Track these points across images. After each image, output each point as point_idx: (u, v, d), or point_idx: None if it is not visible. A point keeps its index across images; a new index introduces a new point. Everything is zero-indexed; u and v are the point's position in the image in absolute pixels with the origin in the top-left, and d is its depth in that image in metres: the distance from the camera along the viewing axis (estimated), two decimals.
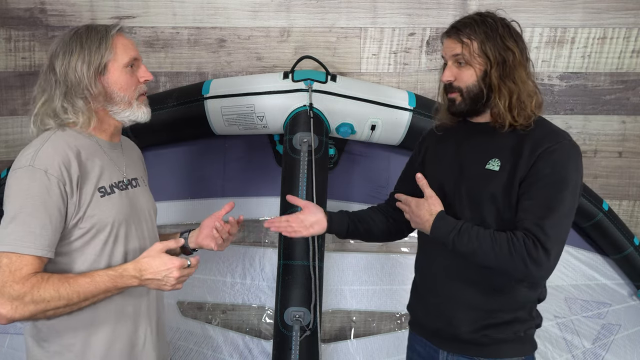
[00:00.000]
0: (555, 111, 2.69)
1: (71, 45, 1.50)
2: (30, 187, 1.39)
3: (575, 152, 1.54)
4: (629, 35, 2.63)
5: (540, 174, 1.50)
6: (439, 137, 1.76)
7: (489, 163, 1.57)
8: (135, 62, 1.56)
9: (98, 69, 1.50)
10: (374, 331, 2.69)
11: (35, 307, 1.35)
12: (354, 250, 2.71)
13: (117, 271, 1.44)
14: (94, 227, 1.47)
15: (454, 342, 1.65)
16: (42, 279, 1.37)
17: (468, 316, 1.61)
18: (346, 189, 2.64)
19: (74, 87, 1.48)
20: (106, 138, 1.59)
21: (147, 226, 1.63)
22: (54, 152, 1.43)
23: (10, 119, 2.66)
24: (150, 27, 2.61)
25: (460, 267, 1.61)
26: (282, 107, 2.32)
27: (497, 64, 1.55)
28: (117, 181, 1.56)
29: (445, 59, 1.63)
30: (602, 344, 2.58)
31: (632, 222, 2.73)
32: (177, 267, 1.45)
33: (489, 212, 1.57)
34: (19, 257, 1.36)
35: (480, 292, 1.60)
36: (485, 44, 1.55)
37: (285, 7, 2.61)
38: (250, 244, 2.69)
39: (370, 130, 2.39)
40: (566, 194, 1.49)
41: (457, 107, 1.62)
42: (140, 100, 1.58)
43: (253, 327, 2.71)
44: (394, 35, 2.63)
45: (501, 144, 1.58)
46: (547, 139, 1.53)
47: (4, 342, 2.48)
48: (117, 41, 1.53)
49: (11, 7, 2.58)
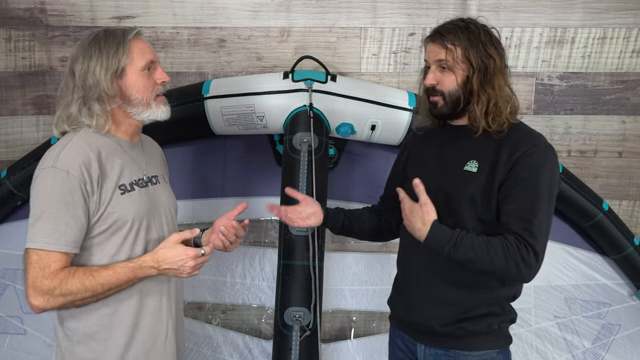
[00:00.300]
0: (555, 111, 2.69)
1: (90, 49, 1.57)
2: (53, 187, 1.48)
3: (551, 154, 1.60)
4: (629, 35, 2.63)
5: (518, 177, 1.55)
6: (421, 139, 1.81)
7: (467, 165, 1.63)
8: (152, 65, 1.62)
9: (115, 72, 1.56)
10: (374, 331, 2.70)
11: (64, 299, 1.48)
12: (354, 250, 2.71)
13: (136, 263, 1.54)
14: (115, 223, 1.55)
15: (430, 335, 1.70)
16: (69, 273, 1.48)
17: (444, 311, 1.67)
18: (346, 189, 2.64)
19: (91, 90, 1.55)
20: (126, 138, 1.65)
21: (166, 221, 1.70)
22: (75, 153, 1.51)
23: (10, 119, 2.66)
24: (150, 27, 2.61)
25: (437, 265, 1.66)
26: (282, 107, 2.32)
27: (479, 71, 1.60)
28: (137, 179, 1.63)
29: (429, 62, 1.67)
30: (602, 344, 2.58)
31: (632, 222, 2.74)
32: (191, 257, 1.55)
33: (467, 214, 1.62)
34: (47, 254, 1.46)
35: (456, 289, 1.66)
36: (468, 50, 1.60)
37: (285, 7, 2.61)
38: (250, 244, 2.69)
39: (370, 130, 2.39)
40: (544, 197, 1.56)
41: (439, 110, 1.67)
42: (159, 100, 1.64)
43: (253, 327, 2.71)
44: (394, 35, 2.63)
45: (479, 147, 1.63)
46: (524, 142, 1.58)
47: (4, 342, 2.49)
48: (134, 45, 1.59)
49: (11, 7, 2.58)
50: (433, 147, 1.75)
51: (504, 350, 1.70)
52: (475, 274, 1.61)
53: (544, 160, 1.58)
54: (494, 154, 1.59)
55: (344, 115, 2.34)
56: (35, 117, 2.66)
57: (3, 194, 2.41)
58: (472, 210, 1.61)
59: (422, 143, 1.80)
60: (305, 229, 2.17)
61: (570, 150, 2.72)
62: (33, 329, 2.50)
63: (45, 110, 2.66)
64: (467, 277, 1.63)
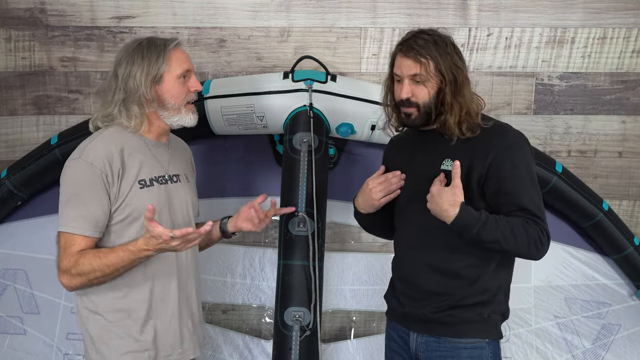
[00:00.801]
0: (555, 111, 2.69)
1: (133, 56, 1.72)
2: (78, 176, 1.66)
3: (522, 138, 1.72)
4: (629, 35, 2.63)
5: (502, 169, 1.65)
6: (396, 148, 1.94)
7: (444, 163, 1.72)
8: (188, 74, 1.79)
9: (155, 78, 1.72)
10: (374, 331, 2.70)
11: (80, 278, 1.64)
12: (354, 250, 2.71)
13: (134, 246, 1.63)
14: (131, 214, 1.69)
15: (422, 322, 1.77)
16: (81, 255, 1.63)
17: (435, 300, 1.74)
18: (346, 189, 2.63)
19: (132, 94, 1.71)
20: (153, 138, 1.80)
21: (182, 217, 1.83)
22: (101, 147, 1.68)
23: (10, 119, 2.66)
24: (150, 27, 2.61)
25: (428, 257, 1.75)
26: (282, 107, 2.32)
27: (450, 82, 1.68)
28: (158, 175, 1.77)
29: (401, 76, 1.72)
30: (602, 344, 2.58)
31: (632, 222, 2.73)
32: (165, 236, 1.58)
33: None
34: (71, 237, 1.64)
35: (446, 280, 1.73)
36: (440, 63, 1.67)
37: (285, 7, 2.61)
38: (250, 244, 2.69)
39: (370, 130, 2.39)
40: (533, 181, 1.68)
41: (413, 121, 1.74)
42: (188, 108, 1.81)
43: (253, 327, 2.71)
44: (394, 35, 2.63)
45: (452, 146, 1.72)
46: (495, 134, 1.69)
47: (4, 342, 2.49)
48: (173, 55, 1.75)
49: (11, 7, 2.58)
50: (407, 152, 1.85)
51: (494, 342, 1.76)
52: (466, 265, 1.71)
53: (520, 146, 1.69)
54: (469, 151, 1.69)
55: (344, 115, 2.34)
56: (35, 117, 2.66)
57: (3, 194, 2.41)
58: None
59: (397, 151, 1.92)
60: (305, 229, 2.18)
61: (570, 150, 2.72)
62: (33, 329, 2.50)
63: (45, 110, 2.66)
64: (458, 268, 1.72)
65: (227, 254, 2.65)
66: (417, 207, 1.74)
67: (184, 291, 1.81)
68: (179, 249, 1.62)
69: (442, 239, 1.72)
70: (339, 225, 2.69)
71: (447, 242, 1.71)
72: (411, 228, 1.81)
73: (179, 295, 1.79)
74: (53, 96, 2.64)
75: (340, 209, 2.64)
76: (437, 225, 1.68)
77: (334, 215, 2.63)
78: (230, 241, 2.68)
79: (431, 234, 1.74)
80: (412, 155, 1.83)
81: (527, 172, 1.68)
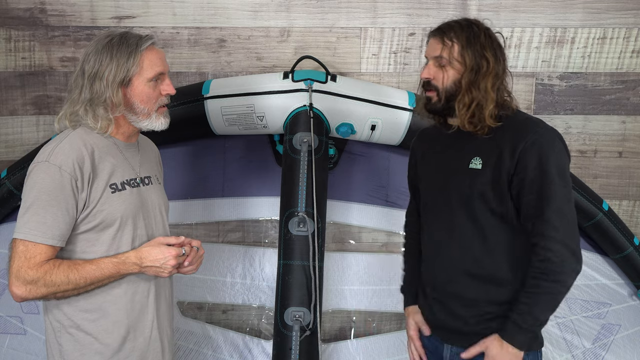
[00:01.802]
0: (555, 111, 2.69)
1: (102, 54, 1.58)
2: (45, 181, 1.51)
3: (555, 136, 1.60)
4: (629, 35, 2.63)
5: (527, 168, 1.55)
6: (427, 142, 1.84)
7: (472, 162, 1.64)
8: (160, 77, 1.64)
9: (123, 81, 1.58)
10: (374, 331, 2.69)
11: (46, 289, 1.51)
12: (354, 250, 2.71)
13: (120, 259, 1.57)
14: (103, 220, 1.57)
15: (458, 334, 1.68)
16: (54, 265, 1.51)
17: (471, 310, 1.65)
18: (346, 189, 2.64)
19: (97, 96, 1.57)
20: (123, 139, 1.68)
21: (156, 221, 1.72)
22: (70, 150, 1.54)
23: (10, 119, 2.66)
24: (150, 27, 2.61)
25: (463, 261, 1.65)
26: (282, 107, 2.32)
27: (471, 70, 1.60)
28: (129, 179, 1.65)
29: (427, 58, 1.68)
30: (602, 344, 2.58)
31: (632, 222, 2.74)
32: (173, 256, 1.59)
33: (479, 209, 1.62)
34: (34, 246, 1.50)
35: (483, 286, 1.64)
36: (465, 49, 1.60)
37: (285, 7, 2.61)
38: (250, 244, 2.69)
39: (370, 130, 2.39)
40: (556, 182, 1.55)
41: (433, 106, 1.68)
42: (160, 112, 1.67)
43: (253, 327, 2.71)
44: (394, 35, 2.63)
45: (480, 143, 1.64)
46: (525, 130, 1.58)
47: (4, 342, 2.49)
48: (146, 56, 1.60)
49: (11, 7, 2.58)
50: (438, 147, 1.77)
51: (534, 355, 1.64)
52: (504, 268, 1.62)
53: (549, 143, 1.57)
54: (498, 148, 1.60)
55: (344, 115, 2.34)
56: (35, 117, 2.66)
57: (3, 194, 2.41)
58: (484, 205, 1.61)
59: (430, 143, 1.83)
60: (305, 229, 2.18)
61: (570, 150, 2.70)
62: (33, 329, 2.49)
63: (45, 110, 2.66)
64: (490, 272, 1.63)
65: (227, 254, 2.65)
66: (448, 206, 1.67)
67: (161, 296, 1.72)
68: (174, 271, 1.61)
69: (476, 241, 1.63)
70: (339, 225, 2.69)
71: (482, 244, 1.62)
72: (441, 228, 1.71)
73: (156, 300, 1.69)
74: (53, 96, 2.64)
75: (340, 209, 2.64)
76: (470, 225, 1.62)
77: (334, 215, 2.63)
78: (230, 241, 2.69)
79: (464, 234, 1.65)
80: (444, 150, 1.74)
81: (556, 172, 1.54)
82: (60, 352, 1.61)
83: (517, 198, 1.58)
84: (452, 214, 1.66)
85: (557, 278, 1.52)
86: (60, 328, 1.61)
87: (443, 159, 1.73)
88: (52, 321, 1.62)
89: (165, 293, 1.75)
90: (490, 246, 1.62)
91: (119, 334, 1.62)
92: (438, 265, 1.72)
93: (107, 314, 1.61)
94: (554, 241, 1.52)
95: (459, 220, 1.64)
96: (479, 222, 1.62)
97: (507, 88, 1.67)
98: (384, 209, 2.66)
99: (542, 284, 1.53)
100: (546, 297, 1.54)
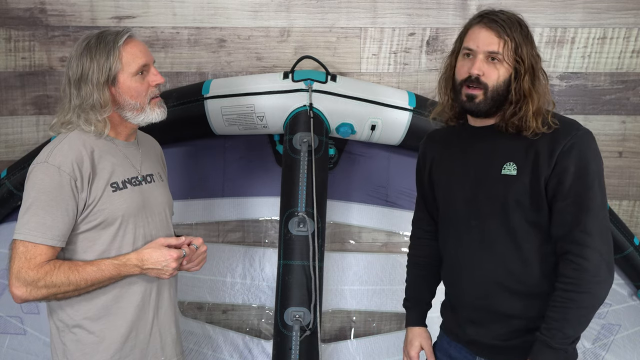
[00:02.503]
0: (555, 111, 2.68)
1: (82, 58, 1.57)
2: (44, 181, 1.51)
3: (592, 139, 1.51)
4: (629, 35, 2.63)
5: (566, 172, 1.46)
6: (440, 144, 1.72)
7: (505, 168, 1.52)
8: (145, 68, 1.61)
9: (108, 81, 1.57)
10: (374, 331, 2.69)
11: (47, 290, 1.51)
12: (354, 250, 2.71)
13: (120, 260, 1.57)
14: (105, 220, 1.57)
15: (492, 349, 1.60)
16: (54, 266, 1.51)
17: (505, 325, 1.56)
18: (346, 189, 2.64)
19: (86, 100, 1.56)
20: (122, 138, 1.68)
21: (160, 219, 1.71)
22: (69, 150, 1.54)
23: (10, 119, 2.66)
24: (150, 27, 2.61)
25: (497, 274, 1.55)
26: (282, 107, 2.32)
27: (530, 68, 1.50)
28: (131, 177, 1.65)
29: (475, 50, 1.52)
30: (602, 344, 2.58)
31: (632, 222, 2.73)
32: (174, 259, 1.59)
33: (515, 217, 1.52)
34: (34, 246, 1.50)
35: (516, 299, 1.54)
36: (522, 46, 1.50)
37: (285, 7, 2.61)
38: (250, 244, 2.69)
39: (370, 130, 2.39)
40: (596, 188, 1.47)
41: (477, 106, 1.53)
42: (153, 103, 1.64)
43: (253, 327, 2.71)
44: (394, 35, 2.63)
45: (512, 146, 1.53)
46: (563, 133, 1.49)
47: (4, 342, 2.49)
48: (125, 50, 1.58)
49: (11, 7, 2.58)
50: (456, 150, 1.65)
51: None
52: (538, 279, 1.52)
53: (588, 147, 1.48)
54: (532, 151, 1.49)
55: (344, 115, 2.34)
56: (35, 117, 2.66)
57: (3, 194, 2.41)
58: (520, 213, 1.52)
59: (443, 146, 1.71)
60: (305, 229, 2.18)
61: None
62: (33, 329, 2.49)
63: (45, 110, 2.66)
64: (527, 286, 1.53)
65: (227, 254, 2.65)
66: (477, 215, 1.56)
67: (163, 295, 1.72)
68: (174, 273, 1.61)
69: (510, 252, 1.53)
70: (339, 225, 2.69)
71: (517, 255, 1.53)
72: (469, 240, 1.59)
73: (158, 298, 1.69)
74: (53, 96, 2.64)
75: (340, 209, 2.64)
76: (503, 235, 1.52)
77: (334, 215, 2.63)
78: (230, 241, 2.69)
79: (497, 245, 1.54)
80: (465, 155, 1.61)
81: (591, 178, 1.46)
82: (64, 352, 1.61)
83: (550, 204, 1.49)
84: (483, 224, 1.55)
85: (590, 289, 1.43)
86: (64, 328, 1.61)
87: (467, 164, 1.60)
88: (56, 321, 1.63)
89: (169, 292, 1.75)
90: (525, 257, 1.52)
91: (121, 333, 1.62)
92: (467, 279, 1.61)
93: (110, 314, 1.61)
94: (591, 250, 1.43)
95: (492, 231, 1.54)
96: (513, 232, 1.52)
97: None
98: (384, 209, 2.66)
99: (574, 296, 1.44)
100: (578, 312, 1.44)
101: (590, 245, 1.44)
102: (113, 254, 1.59)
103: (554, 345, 1.45)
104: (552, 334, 1.45)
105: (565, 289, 1.45)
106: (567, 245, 1.47)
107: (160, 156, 1.89)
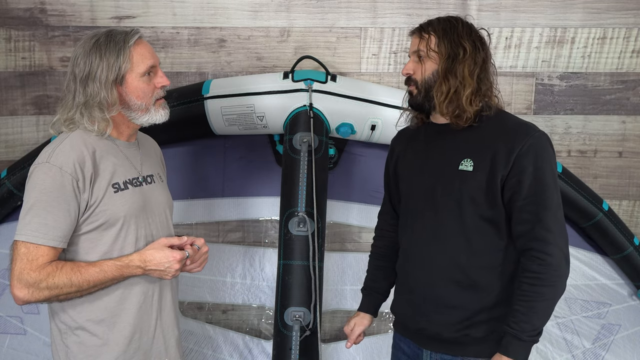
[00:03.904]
0: (555, 111, 2.69)
1: (91, 55, 1.57)
2: (45, 182, 1.50)
3: (548, 142, 1.58)
4: (629, 35, 2.63)
5: (523, 173, 1.52)
6: (407, 139, 1.81)
7: (462, 164, 1.60)
8: (152, 69, 1.62)
9: (116, 80, 1.57)
10: (373, 331, 2.69)
11: (49, 292, 1.49)
12: (354, 250, 2.71)
13: (123, 261, 1.55)
14: (107, 220, 1.56)
15: (437, 341, 1.67)
16: (56, 268, 1.49)
17: (449, 316, 1.63)
18: (346, 189, 2.64)
19: (92, 98, 1.55)
20: (123, 139, 1.67)
21: (160, 220, 1.71)
22: (70, 150, 1.53)
23: (10, 119, 2.66)
24: (150, 27, 2.61)
25: (446, 266, 1.62)
26: (282, 107, 2.32)
27: (447, 57, 1.60)
28: (132, 178, 1.64)
29: (409, 56, 1.70)
30: (602, 344, 2.58)
31: (632, 222, 2.73)
32: (177, 260, 1.59)
33: (468, 212, 1.59)
34: (36, 247, 1.48)
35: (465, 292, 1.61)
36: (442, 39, 1.61)
37: (285, 7, 2.61)
38: (250, 244, 2.69)
39: (370, 130, 2.40)
40: (552, 187, 1.55)
41: (414, 100, 1.68)
42: (158, 104, 1.65)
43: (253, 327, 2.71)
44: (394, 35, 2.63)
45: (470, 143, 1.61)
46: (520, 134, 1.55)
47: (4, 342, 2.49)
48: (135, 51, 1.59)
49: (11, 7, 2.58)
50: (420, 146, 1.73)
51: None
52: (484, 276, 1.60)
53: (544, 149, 1.56)
54: (490, 150, 1.56)
55: (344, 115, 2.34)
56: (35, 117, 2.66)
57: (3, 194, 2.41)
58: (473, 209, 1.58)
59: (409, 142, 1.79)
60: (305, 229, 2.18)
61: (570, 150, 2.72)
62: (33, 329, 2.50)
63: (45, 110, 2.66)
64: (475, 279, 1.60)
65: (227, 254, 2.65)
66: (432, 208, 1.64)
67: (165, 296, 1.71)
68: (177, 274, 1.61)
69: (460, 245, 1.60)
70: (339, 225, 2.69)
71: (466, 248, 1.60)
72: (424, 231, 1.67)
73: (160, 300, 1.69)
74: (53, 96, 2.64)
75: (340, 209, 2.65)
76: (456, 229, 1.59)
77: (334, 215, 2.63)
78: (230, 241, 2.69)
79: (449, 238, 1.61)
80: (427, 150, 1.70)
81: (547, 178, 1.53)
82: (67, 354, 1.60)
83: (508, 202, 1.55)
84: (437, 217, 1.63)
85: (554, 282, 1.52)
86: (67, 330, 1.60)
87: (428, 159, 1.69)
88: (58, 323, 1.61)
89: (171, 293, 1.74)
90: (475, 251, 1.59)
91: (125, 335, 1.61)
92: (418, 268, 1.68)
93: (113, 315, 1.60)
94: (553, 246, 1.51)
95: (445, 224, 1.61)
96: (466, 226, 1.59)
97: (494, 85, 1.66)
98: None
99: (540, 289, 1.51)
100: (544, 304, 1.52)
101: (552, 242, 1.51)
102: (115, 254, 1.58)
103: (523, 337, 1.51)
104: (521, 326, 1.51)
105: (531, 283, 1.52)
106: (529, 242, 1.53)
107: (160, 157, 1.89)
